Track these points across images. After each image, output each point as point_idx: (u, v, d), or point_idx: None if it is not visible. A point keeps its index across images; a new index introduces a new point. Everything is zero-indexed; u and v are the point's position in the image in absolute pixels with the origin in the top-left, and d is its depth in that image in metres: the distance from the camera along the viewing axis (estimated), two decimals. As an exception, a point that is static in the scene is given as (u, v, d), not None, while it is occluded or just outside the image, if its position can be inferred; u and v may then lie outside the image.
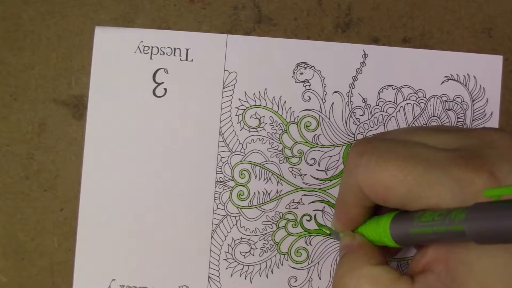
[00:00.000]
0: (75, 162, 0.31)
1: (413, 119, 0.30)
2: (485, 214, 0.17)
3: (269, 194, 0.30)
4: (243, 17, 0.31)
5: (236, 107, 0.30)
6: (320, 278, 0.30)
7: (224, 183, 0.30)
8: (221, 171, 0.30)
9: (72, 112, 0.31)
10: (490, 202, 0.17)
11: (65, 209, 0.30)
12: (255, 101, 0.30)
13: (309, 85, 0.30)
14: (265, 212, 0.30)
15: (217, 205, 0.30)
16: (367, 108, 0.30)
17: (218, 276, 0.30)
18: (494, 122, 0.30)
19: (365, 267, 0.22)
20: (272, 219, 0.30)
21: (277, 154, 0.30)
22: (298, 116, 0.30)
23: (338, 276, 0.22)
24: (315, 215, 0.30)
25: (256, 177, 0.30)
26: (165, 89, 0.30)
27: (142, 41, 0.31)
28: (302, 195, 0.30)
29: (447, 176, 0.19)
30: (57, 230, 0.30)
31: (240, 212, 0.30)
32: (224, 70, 0.30)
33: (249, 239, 0.30)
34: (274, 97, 0.30)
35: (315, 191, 0.30)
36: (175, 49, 0.30)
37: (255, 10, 0.31)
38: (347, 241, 0.24)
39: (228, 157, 0.30)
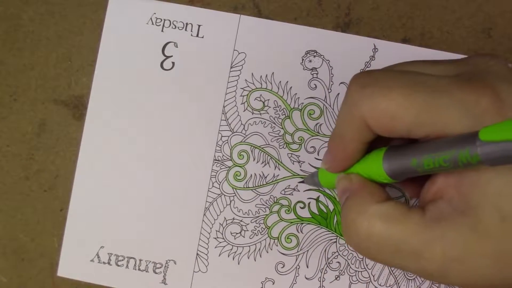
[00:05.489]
0: (75, 162, 0.30)
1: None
2: (498, 134, 0.17)
3: (265, 177, 0.30)
4: (254, 4, 0.31)
5: (242, 88, 0.30)
6: (307, 267, 0.30)
7: (222, 162, 0.30)
8: (220, 149, 0.30)
9: (72, 112, 0.31)
10: (501, 122, 0.17)
11: (65, 209, 0.30)
12: (261, 84, 0.30)
13: (317, 74, 0.30)
14: (259, 195, 0.30)
15: (212, 183, 0.30)
16: (372, 102, 0.30)
17: (206, 254, 0.30)
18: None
19: (373, 206, 0.21)
20: (266, 203, 0.30)
21: (278, 139, 0.30)
22: (303, 103, 0.30)
23: (348, 221, 0.22)
24: (309, 203, 0.30)
25: (254, 160, 0.30)
26: (173, 63, 0.30)
27: (155, 13, 0.31)
28: (298, 182, 0.30)
29: (452, 99, 0.19)
30: (57, 230, 0.30)
31: (235, 193, 0.30)
32: (234, 50, 0.30)
33: (241, 220, 0.30)
34: (280, 81, 0.30)
35: (312, 180, 0.30)
36: (187, 24, 0.31)
37: (255, 10, 0.31)
38: (345, 184, 0.23)
39: (228, 136, 0.30)
